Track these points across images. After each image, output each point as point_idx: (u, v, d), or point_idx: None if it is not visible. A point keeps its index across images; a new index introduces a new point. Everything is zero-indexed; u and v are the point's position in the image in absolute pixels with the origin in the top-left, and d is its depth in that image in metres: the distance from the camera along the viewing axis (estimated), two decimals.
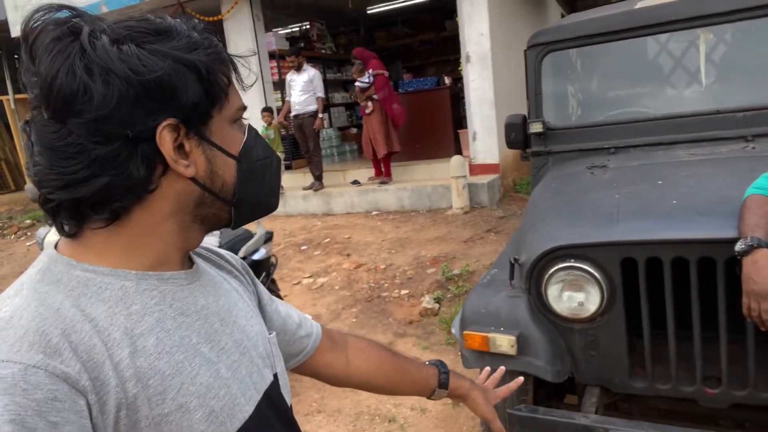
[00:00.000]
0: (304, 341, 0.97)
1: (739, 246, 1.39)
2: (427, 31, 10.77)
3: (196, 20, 0.67)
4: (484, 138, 6.62)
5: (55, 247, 0.66)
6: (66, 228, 0.64)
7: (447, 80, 7.69)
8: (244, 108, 0.71)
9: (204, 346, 0.67)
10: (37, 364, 0.52)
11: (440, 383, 1.09)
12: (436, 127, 7.35)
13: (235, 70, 0.69)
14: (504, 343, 1.79)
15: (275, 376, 0.79)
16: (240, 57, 0.70)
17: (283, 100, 7.54)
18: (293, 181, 7.71)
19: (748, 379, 1.65)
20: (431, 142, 7.30)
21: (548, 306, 1.83)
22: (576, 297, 1.80)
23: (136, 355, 0.60)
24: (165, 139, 0.61)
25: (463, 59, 6.61)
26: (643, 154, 2.49)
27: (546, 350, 1.79)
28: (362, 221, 6.47)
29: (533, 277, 1.84)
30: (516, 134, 2.89)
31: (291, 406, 0.83)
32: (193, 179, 0.65)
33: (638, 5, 2.72)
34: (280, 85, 8.02)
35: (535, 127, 2.76)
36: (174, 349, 0.63)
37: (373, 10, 9.77)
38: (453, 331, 2.12)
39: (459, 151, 7.00)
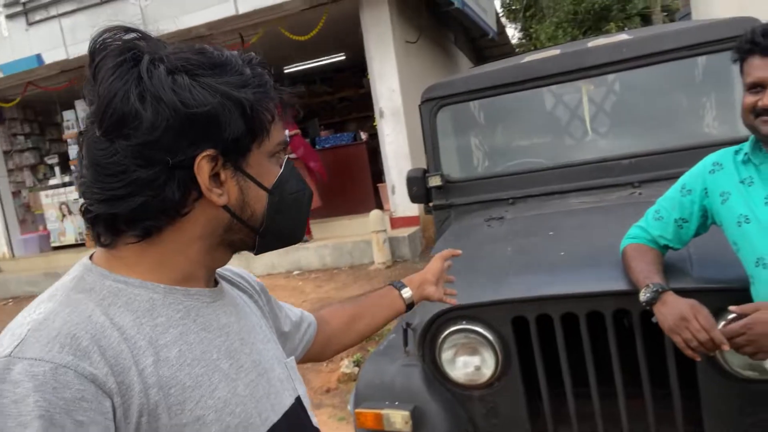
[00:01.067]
0: (309, 331, 1.03)
1: (644, 296, 1.35)
2: (345, 88, 10.93)
3: (253, 54, 0.70)
4: (403, 191, 6.56)
5: (90, 257, 0.69)
6: (102, 239, 0.67)
7: (363, 135, 7.74)
8: (286, 143, 0.73)
9: (224, 362, 0.69)
10: (67, 364, 0.54)
11: (407, 305, 1.17)
12: (354, 182, 7.31)
13: (283, 107, 0.71)
14: (398, 419, 1.64)
15: (297, 399, 0.79)
16: (290, 92, 0.73)
17: None
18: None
19: None
20: (351, 197, 7.24)
21: (444, 373, 1.70)
22: (471, 361, 1.69)
23: (160, 364, 0.62)
24: (202, 168, 0.64)
25: (377, 115, 6.68)
26: (539, 204, 2.48)
27: (444, 424, 1.65)
28: (283, 282, 6.21)
29: (426, 343, 1.72)
30: (418, 188, 2.85)
31: (317, 429, 0.84)
32: (225, 207, 0.68)
33: (525, 59, 2.80)
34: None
35: (434, 181, 2.72)
36: (195, 362, 0.65)
37: (289, 69, 9.83)
38: (349, 407, 1.95)
39: (380, 205, 6.96)
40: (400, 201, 6.68)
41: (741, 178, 1.30)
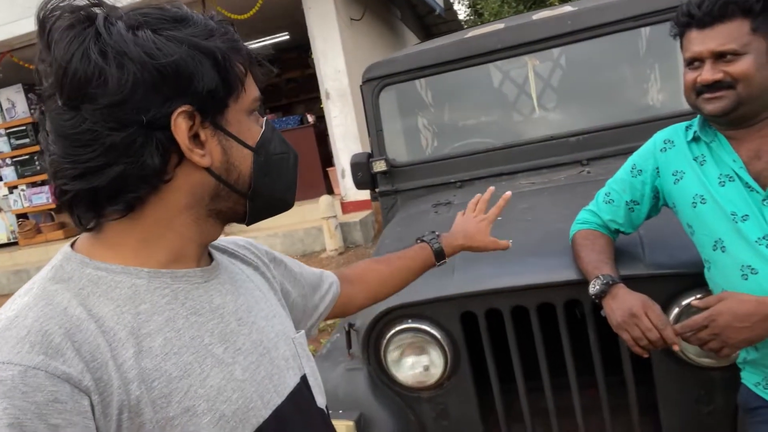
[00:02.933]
0: (332, 290, 1.02)
1: (593, 289, 1.26)
2: (291, 69, 10.59)
3: (214, 12, 0.67)
4: None
5: (72, 245, 0.66)
6: (83, 222, 0.64)
7: (310, 118, 7.49)
8: (261, 99, 0.69)
9: (217, 346, 0.65)
10: (37, 365, 0.52)
11: (436, 256, 1.19)
12: (303, 167, 6.98)
13: (252, 61, 0.68)
14: (342, 430, 1.51)
15: (303, 378, 0.76)
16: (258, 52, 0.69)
17: None
18: None
19: (605, 427, 1.51)
20: (300, 182, 7.00)
21: (390, 376, 1.58)
22: (419, 361, 1.57)
23: (141, 356, 0.58)
24: (180, 126, 0.61)
25: (323, 96, 6.47)
26: (488, 186, 2.38)
27: (391, 430, 1.54)
28: None
29: (370, 344, 1.59)
30: (363, 174, 2.71)
31: (327, 407, 0.81)
32: (208, 170, 0.64)
33: (468, 35, 2.67)
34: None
35: (379, 166, 2.59)
36: (183, 350, 0.61)
37: None
38: None
39: (330, 190, 6.79)
40: (350, 185, 6.51)
41: (693, 156, 1.21)
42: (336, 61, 6.26)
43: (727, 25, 1.06)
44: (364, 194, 6.53)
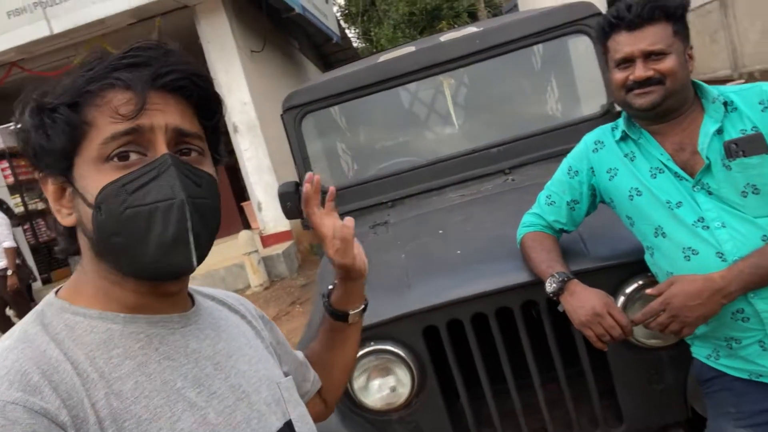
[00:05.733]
0: (316, 382, 0.96)
1: (549, 287, 1.31)
2: None
3: (97, 48, 0.66)
4: (270, 206, 6.35)
5: (57, 291, 0.68)
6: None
7: None
8: (113, 137, 0.61)
9: (190, 390, 0.65)
10: (15, 400, 0.53)
11: (333, 316, 0.97)
12: None
13: (136, 87, 0.62)
14: None
15: (288, 424, 0.74)
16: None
17: (25, 204, 6.35)
18: None
19: (570, 418, 1.57)
20: None
21: (359, 402, 1.55)
22: (386, 383, 1.56)
23: (112, 398, 0.59)
24: (47, 190, 0.66)
25: (231, 130, 6.32)
26: (419, 203, 2.44)
27: None
28: None
29: None
30: (292, 203, 2.67)
31: None
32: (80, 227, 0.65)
33: (381, 59, 2.74)
34: (18, 188, 6.77)
35: None
36: (153, 393, 0.62)
37: None
38: None
39: (247, 225, 6.61)
40: (268, 218, 6.40)
41: (624, 153, 1.31)
42: (241, 94, 6.17)
43: (654, 27, 1.18)
44: (284, 225, 6.43)
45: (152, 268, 0.62)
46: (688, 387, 1.48)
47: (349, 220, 0.92)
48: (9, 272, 5.00)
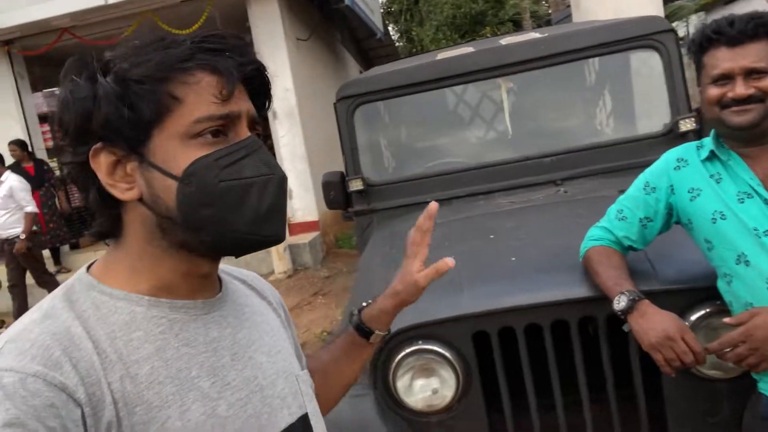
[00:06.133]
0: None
1: (618, 305, 1.26)
2: None
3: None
4: (301, 195, 6.36)
5: (89, 266, 0.69)
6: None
7: None
8: (217, 118, 0.63)
9: (205, 380, 0.65)
10: (36, 373, 0.55)
11: (358, 331, 0.91)
12: None
13: (222, 71, 0.63)
14: None
15: (303, 417, 0.74)
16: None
17: (61, 168, 6.44)
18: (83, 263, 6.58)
19: None
20: None
21: (400, 401, 1.52)
22: (429, 384, 1.53)
23: (127, 381, 0.60)
24: (98, 163, 0.63)
25: (270, 116, 6.34)
26: (466, 206, 2.39)
27: None
28: None
29: (378, 369, 1.53)
30: (336, 193, 2.65)
31: None
32: (142, 202, 0.64)
33: (438, 56, 2.70)
34: (56, 153, 6.89)
35: (355, 185, 2.54)
36: (167, 381, 0.62)
37: None
38: None
39: None
40: (298, 206, 6.41)
41: (709, 174, 1.26)
42: (284, 80, 6.17)
43: (757, 44, 1.13)
44: (312, 215, 6.43)
45: (245, 238, 0.65)
46: (744, 423, 1.42)
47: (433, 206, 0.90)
48: (22, 236, 5.05)
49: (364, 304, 0.96)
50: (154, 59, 0.62)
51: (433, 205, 0.89)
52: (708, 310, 1.37)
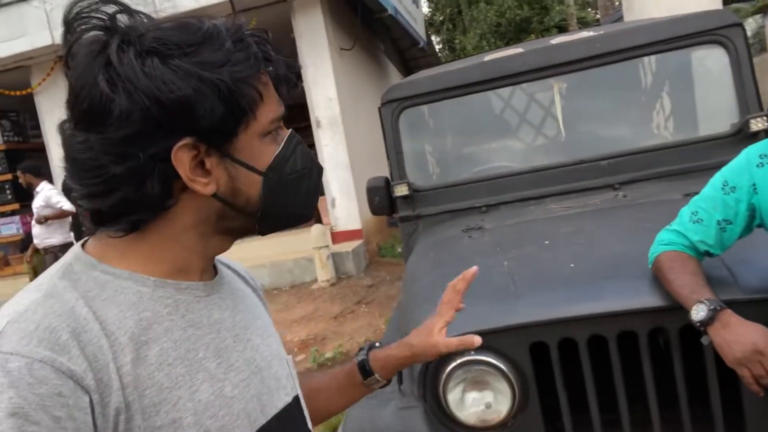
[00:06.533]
0: None
1: (698, 315, 1.15)
2: None
3: (243, 21, 0.66)
4: (344, 203, 6.35)
5: (83, 245, 0.67)
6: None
7: None
8: (280, 118, 0.68)
9: (211, 361, 0.65)
10: (43, 359, 0.53)
11: (360, 370, 0.91)
12: None
13: (279, 78, 0.67)
14: None
15: (296, 398, 0.76)
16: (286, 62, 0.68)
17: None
18: None
19: None
20: None
21: (451, 415, 1.43)
22: (482, 398, 1.43)
23: (138, 363, 0.59)
24: (181, 159, 0.61)
25: (313, 124, 6.38)
26: (516, 211, 2.29)
27: None
28: None
29: (427, 381, 1.45)
30: (380, 199, 2.59)
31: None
32: (214, 195, 0.64)
33: (486, 58, 2.62)
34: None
35: (401, 190, 2.47)
36: (177, 362, 0.62)
37: None
38: None
39: (319, 220, 6.64)
40: (341, 214, 6.40)
41: None
42: (327, 89, 6.20)
43: None
44: (355, 223, 6.41)
45: (294, 219, 0.73)
46: None
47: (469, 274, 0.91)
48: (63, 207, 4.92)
49: (377, 344, 0.97)
50: (243, 58, 0.63)
51: (472, 270, 0.90)
52: None
